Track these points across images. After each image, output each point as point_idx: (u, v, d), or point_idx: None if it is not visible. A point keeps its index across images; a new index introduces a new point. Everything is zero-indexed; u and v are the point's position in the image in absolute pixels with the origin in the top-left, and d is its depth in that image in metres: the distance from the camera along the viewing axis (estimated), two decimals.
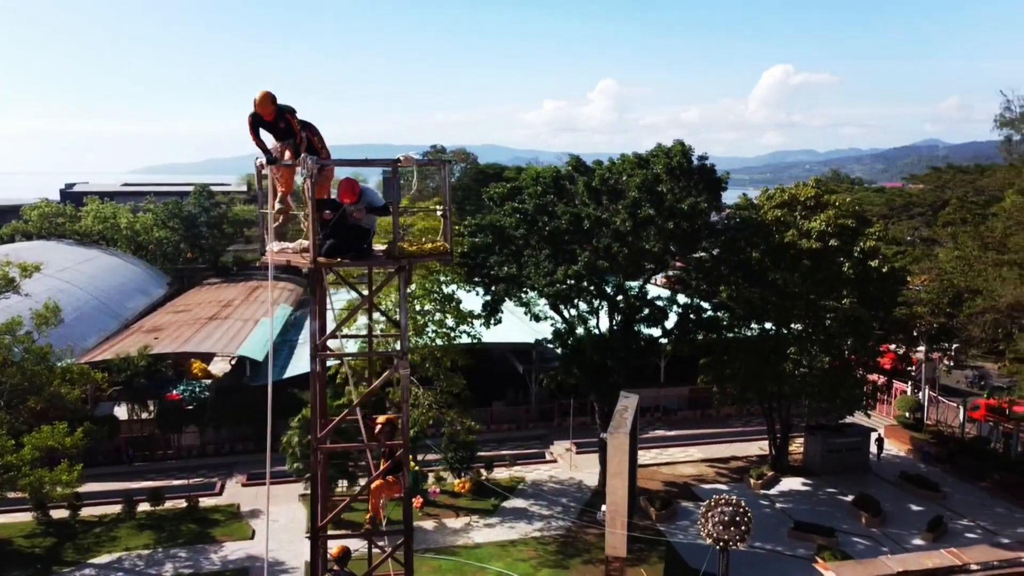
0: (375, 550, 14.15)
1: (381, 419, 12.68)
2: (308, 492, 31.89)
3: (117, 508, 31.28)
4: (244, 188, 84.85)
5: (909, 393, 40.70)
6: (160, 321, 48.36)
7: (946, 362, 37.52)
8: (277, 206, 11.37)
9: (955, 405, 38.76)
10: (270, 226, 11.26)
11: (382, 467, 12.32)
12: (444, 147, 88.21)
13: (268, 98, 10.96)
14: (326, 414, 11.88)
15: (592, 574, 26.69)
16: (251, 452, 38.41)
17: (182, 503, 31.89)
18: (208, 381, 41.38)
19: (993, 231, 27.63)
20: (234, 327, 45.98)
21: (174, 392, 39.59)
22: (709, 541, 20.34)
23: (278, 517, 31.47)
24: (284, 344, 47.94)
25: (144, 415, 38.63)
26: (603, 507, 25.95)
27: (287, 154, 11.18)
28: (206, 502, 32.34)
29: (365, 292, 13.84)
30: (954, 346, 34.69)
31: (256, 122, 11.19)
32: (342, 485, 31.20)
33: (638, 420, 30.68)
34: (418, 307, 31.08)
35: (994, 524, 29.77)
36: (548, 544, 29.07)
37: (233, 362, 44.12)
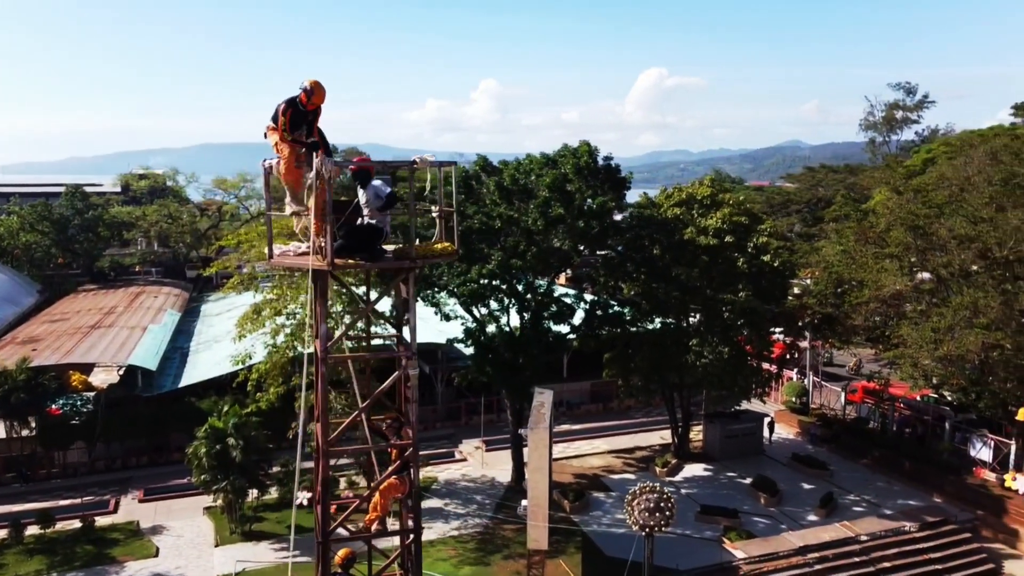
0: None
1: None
2: (215, 505, 30.75)
3: (1, 533, 29.08)
4: (119, 189, 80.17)
5: (795, 379, 43.35)
6: (36, 331, 45.15)
7: (828, 349, 40.21)
8: (293, 207, 10.97)
9: (837, 389, 41.64)
10: (269, 229, 10.89)
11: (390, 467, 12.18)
12: (336, 147, 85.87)
13: (324, 90, 10.69)
14: (327, 416, 11.56)
15: (513, 569, 27.01)
16: (145, 466, 36.62)
17: (75, 523, 29.95)
18: (91, 393, 38.99)
19: (875, 227, 29.91)
20: (120, 336, 43.56)
21: (53, 407, 37.07)
22: (636, 528, 21.04)
23: (182, 532, 30.13)
24: (175, 352, 45.85)
25: (24, 432, 35.94)
26: (524, 502, 26.28)
27: (287, 149, 10.76)
28: (101, 521, 30.48)
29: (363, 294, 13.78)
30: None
31: (295, 110, 10.73)
32: (253, 495, 30.20)
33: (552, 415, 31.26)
34: (333, 310, 30.47)
35: (876, 497, 32.18)
36: (467, 542, 29.19)
37: (121, 372, 41.82)
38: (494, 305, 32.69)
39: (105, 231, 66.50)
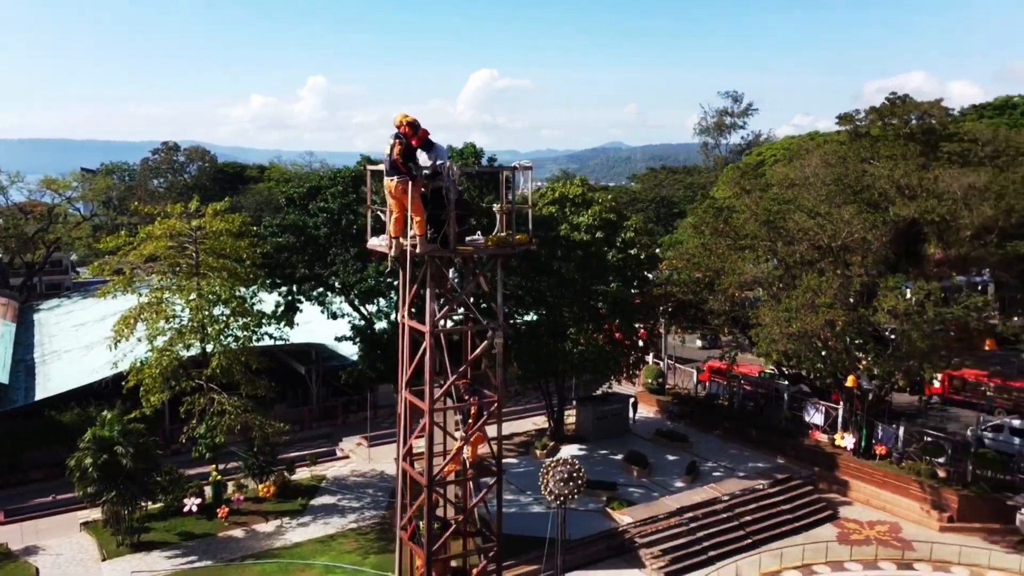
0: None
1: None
2: (95, 519, 29.54)
3: None
4: None
5: (651, 362, 47.16)
6: None
7: (680, 335, 44.21)
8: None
9: (690, 370, 45.81)
10: (388, 223, 12.97)
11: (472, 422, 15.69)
12: (178, 144, 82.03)
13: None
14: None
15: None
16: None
17: None
18: None
19: (731, 223, 33.65)
20: None
21: None
22: (551, 498, 22.85)
23: (61, 550, 28.70)
24: (18, 365, 42.74)
25: None
26: None
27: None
28: None
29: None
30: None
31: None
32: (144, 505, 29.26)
33: None
34: (217, 311, 30.02)
35: (731, 462, 36.08)
36: (367, 533, 29.90)
37: None
38: (383, 302, 33.48)
39: None
